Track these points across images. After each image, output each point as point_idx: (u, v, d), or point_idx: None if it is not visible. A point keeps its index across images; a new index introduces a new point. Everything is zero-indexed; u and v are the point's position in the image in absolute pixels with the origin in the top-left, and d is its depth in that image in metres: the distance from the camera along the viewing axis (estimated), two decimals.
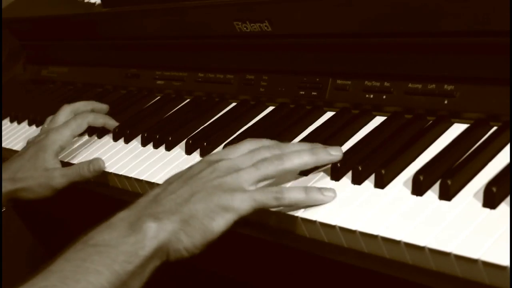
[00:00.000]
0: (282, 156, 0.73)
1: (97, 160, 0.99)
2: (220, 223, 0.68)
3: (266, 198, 0.69)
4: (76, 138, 1.09)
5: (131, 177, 0.95)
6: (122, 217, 0.70)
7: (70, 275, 0.64)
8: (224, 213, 0.68)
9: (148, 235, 0.67)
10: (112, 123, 1.10)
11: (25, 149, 1.05)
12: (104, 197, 1.05)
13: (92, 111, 1.13)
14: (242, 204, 0.69)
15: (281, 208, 0.72)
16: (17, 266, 1.49)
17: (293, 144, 0.77)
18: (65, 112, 1.11)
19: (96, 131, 1.13)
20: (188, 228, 0.68)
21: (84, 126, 1.06)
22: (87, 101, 1.16)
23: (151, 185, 0.91)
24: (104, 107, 1.16)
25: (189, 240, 0.68)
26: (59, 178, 0.99)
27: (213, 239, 0.69)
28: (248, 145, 0.77)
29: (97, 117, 1.09)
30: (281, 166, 0.72)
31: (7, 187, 1.00)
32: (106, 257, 0.65)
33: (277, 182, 0.76)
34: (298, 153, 0.73)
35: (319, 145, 0.76)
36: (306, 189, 0.71)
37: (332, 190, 0.71)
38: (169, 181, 0.75)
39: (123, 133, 1.07)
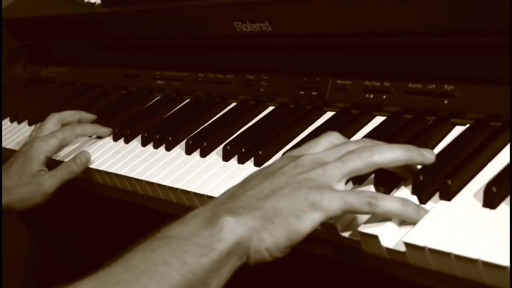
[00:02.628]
0: (372, 148, 0.65)
1: (83, 152, 1.00)
2: (306, 222, 0.61)
3: (359, 202, 0.62)
4: (78, 138, 1.09)
5: (131, 177, 0.95)
6: (196, 213, 0.63)
7: (135, 264, 0.58)
8: (311, 212, 0.61)
9: (226, 228, 0.60)
10: (102, 130, 1.10)
11: (12, 160, 1.04)
12: (106, 198, 1.06)
13: (79, 121, 1.13)
14: (332, 204, 0.61)
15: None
16: (17, 266, 1.49)
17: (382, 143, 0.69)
18: (52, 120, 1.10)
19: None
20: (271, 227, 0.60)
21: (71, 138, 1.06)
22: (75, 110, 1.15)
23: (151, 185, 0.91)
24: (91, 116, 1.15)
25: (272, 239, 0.60)
26: (49, 180, 0.99)
27: (298, 241, 0.61)
28: (331, 138, 0.70)
29: (86, 128, 1.09)
30: (370, 159, 0.64)
31: None
32: (176, 248, 0.59)
33: None
34: (388, 146, 0.66)
35: (415, 151, 0.67)
36: (404, 201, 0.63)
37: (426, 211, 0.64)
38: (247, 179, 0.67)
39: (123, 133, 1.07)
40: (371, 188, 0.70)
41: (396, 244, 0.62)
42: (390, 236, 0.63)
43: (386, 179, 0.69)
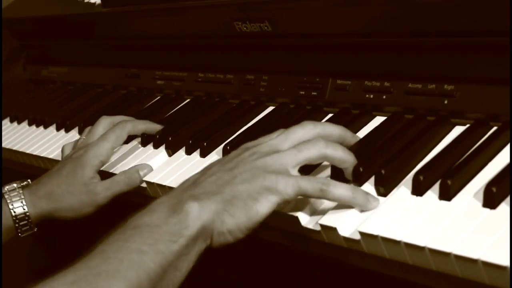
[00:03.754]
0: (326, 141, 0.70)
1: (146, 166, 0.92)
2: (264, 204, 0.65)
3: (312, 187, 0.66)
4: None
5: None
6: (161, 201, 0.67)
7: (112, 255, 0.61)
8: (268, 194, 0.65)
9: (191, 214, 0.64)
10: (154, 127, 1.02)
11: (62, 165, 0.96)
12: None
13: None
14: (287, 187, 0.66)
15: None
16: (17, 266, 1.49)
17: (327, 124, 0.75)
18: (104, 123, 1.02)
19: None
20: (232, 209, 0.65)
21: (124, 137, 0.98)
22: (126, 116, 1.07)
23: (151, 185, 0.91)
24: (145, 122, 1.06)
25: (234, 221, 0.65)
26: (103, 192, 0.91)
27: (257, 221, 0.65)
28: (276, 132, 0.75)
29: (136, 124, 1.00)
30: (323, 150, 0.69)
31: (43, 205, 0.92)
32: (148, 237, 0.63)
33: None
34: (340, 145, 0.71)
35: (349, 134, 0.76)
36: (354, 189, 0.67)
37: (377, 200, 0.68)
38: (208, 167, 0.72)
39: None
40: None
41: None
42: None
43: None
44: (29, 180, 0.96)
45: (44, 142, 1.21)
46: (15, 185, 0.93)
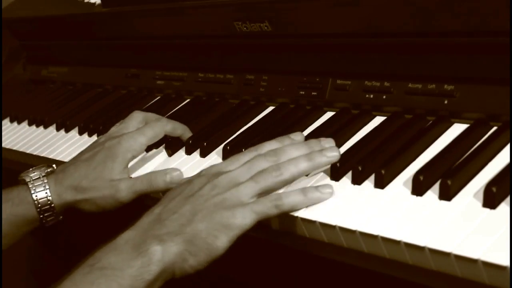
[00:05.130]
0: (280, 167, 0.73)
1: (175, 170, 0.86)
2: (223, 240, 0.69)
3: (266, 207, 0.70)
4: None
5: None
6: (126, 239, 0.70)
7: None
8: (227, 230, 0.69)
9: (154, 258, 0.68)
10: (188, 134, 0.97)
11: (92, 153, 0.90)
12: None
13: None
14: (244, 220, 0.69)
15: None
16: (17, 266, 1.49)
17: (289, 148, 0.77)
18: (138, 118, 0.97)
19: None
20: (192, 248, 0.69)
21: (160, 136, 0.93)
22: (158, 115, 1.01)
23: None
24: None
25: (194, 259, 0.69)
26: (126, 191, 0.86)
27: (217, 256, 0.69)
28: (248, 155, 0.78)
29: (176, 127, 0.95)
30: (279, 178, 0.72)
31: (67, 196, 0.88)
32: (112, 280, 0.66)
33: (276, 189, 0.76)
34: (295, 161, 0.74)
35: (315, 144, 0.77)
36: (304, 190, 0.72)
37: (329, 186, 0.72)
38: (170, 197, 0.74)
39: None
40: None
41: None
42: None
43: None
44: (54, 166, 0.91)
45: (44, 142, 1.21)
46: (39, 172, 0.89)
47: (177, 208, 0.72)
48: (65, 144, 1.15)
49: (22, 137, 1.28)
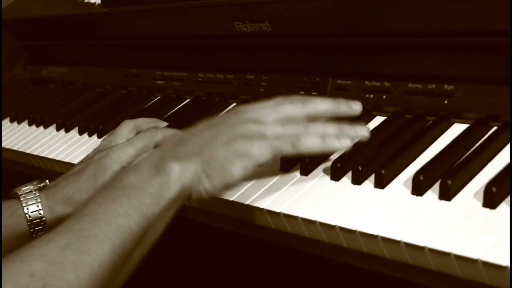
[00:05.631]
0: (308, 125, 0.73)
1: None
2: (238, 167, 0.70)
3: (284, 144, 0.71)
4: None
5: None
6: (147, 159, 0.71)
7: (102, 217, 0.65)
8: (243, 158, 0.70)
9: (172, 176, 0.69)
10: None
11: (82, 167, 0.91)
12: None
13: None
14: (261, 151, 0.70)
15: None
16: None
17: (317, 100, 0.77)
18: (127, 127, 0.97)
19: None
20: (209, 170, 0.70)
21: (151, 146, 0.92)
22: (150, 118, 1.02)
23: None
24: (164, 124, 1.02)
25: (209, 181, 0.70)
26: None
27: (232, 182, 0.70)
28: (275, 100, 0.77)
29: (167, 136, 0.93)
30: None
31: (59, 210, 0.87)
32: (133, 199, 0.67)
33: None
34: (323, 125, 0.74)
35: (342, 102, 0.77)
36: (323, 136, 0.72)
37: (349, 137, 0.73)
38: (195, 127, 0.75)
39: None
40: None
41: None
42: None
43: None
44: (47, 181, 0.92)
45: (44, 142, 1.21)
46: (31, 186, 0.89)
47: (200, 132, 0.73)
48: (65, 144, 1.15)
49: (22, 137, 1.28)
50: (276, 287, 0.88)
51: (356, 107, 0.77)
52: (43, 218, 0.86)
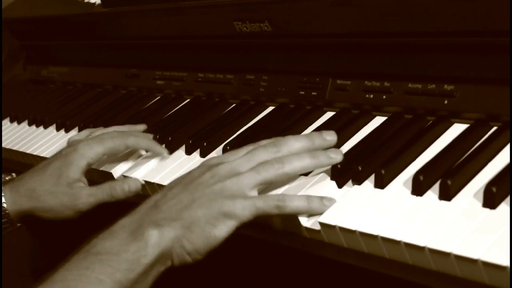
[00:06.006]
0: (283, 159, 0.71)
1: (134, 180, 0.88)
2: (222, 229, 0.68)
3: (268, 206, 0.69)
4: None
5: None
6: (123, 224, 0.69)
7: (73, 284, 0.64)
8: (226, 219, 0.68)
9: (150, 242, 0.66)
10: (158, 149, 0.94)
11: (48, 162, 0.91)
12: None
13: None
14: (244, 211, 0.68)
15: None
16: (17, 266, 1.49)
17: (290, 139, 0.75)
18: (107, 130, 0.99)
19: None
20: (190, 235, 0.67)
21: (121, 148, 0.92)
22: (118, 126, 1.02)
23: (151, 185, 0.91)
24: (142, 127, 1.02)
25: (192, 246, 0.67)
26: (86, 198, 0.87)
27: (216, 245, 0.68)
28: (247, 148, 0.76)
29: (139, 141, 0.93)
30: (281, 170, 0.71)
31: (23, 203, 0.88)
32: (107, 265, 0.65)
33: (276, 183, 0.75)
34: (298, 156, 0.72)
35: (316, 136, 0.75)
36: (308, 198, 0.70)
37: (333, 200, 0.71)
38: (169, 187, 0.73)
39: None
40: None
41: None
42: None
43: None
44: (13, 174, 0.92)
45: (44, 142, 1.21)
46: None
47: (175, 195, 0.70)
48: (65, 144, 1.15)
49: (22, 137, 1.28)
50: (276, 287, 0.88)
51: (330, 137, 0.75)
52: (7, 211, 0.87)
